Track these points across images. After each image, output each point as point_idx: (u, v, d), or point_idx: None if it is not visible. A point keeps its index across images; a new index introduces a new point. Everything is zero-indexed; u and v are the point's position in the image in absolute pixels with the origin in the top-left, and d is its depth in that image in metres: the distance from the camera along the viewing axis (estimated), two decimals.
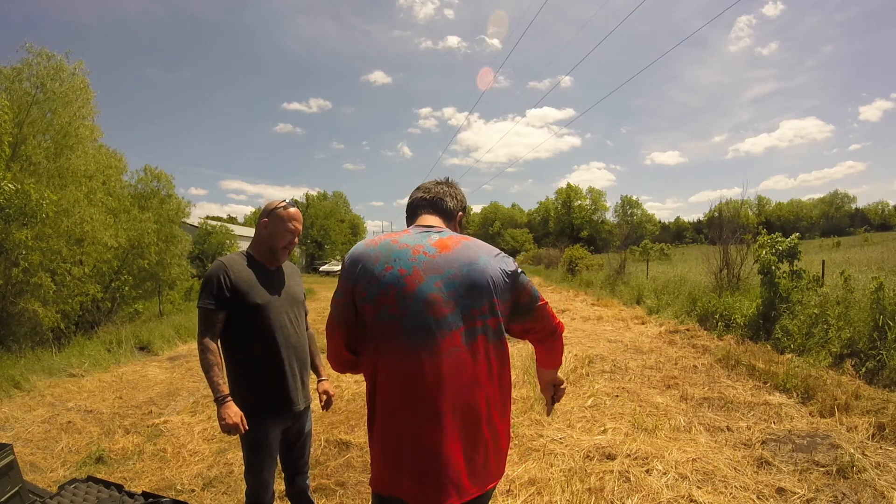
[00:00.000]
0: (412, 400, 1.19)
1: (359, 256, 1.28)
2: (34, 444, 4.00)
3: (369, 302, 1.23)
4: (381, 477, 1.25)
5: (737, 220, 9.82)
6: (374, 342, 1.24)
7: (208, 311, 1.87)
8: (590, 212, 68.34)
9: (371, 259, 1.26)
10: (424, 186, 1.48)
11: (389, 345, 1.21)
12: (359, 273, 1.26)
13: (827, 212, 77.36)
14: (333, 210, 53.41)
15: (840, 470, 2.95)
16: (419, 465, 1.18)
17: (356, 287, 1.26)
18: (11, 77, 7.97)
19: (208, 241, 21.33)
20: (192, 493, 3.07)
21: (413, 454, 1.19)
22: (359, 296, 1.25)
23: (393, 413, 1.22)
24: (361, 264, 1.26)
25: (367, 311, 1.23)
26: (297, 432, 2.10)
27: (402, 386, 1.20)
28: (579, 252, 20.07)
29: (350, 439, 3.78)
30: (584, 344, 6.98)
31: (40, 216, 6.68)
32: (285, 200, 2.05)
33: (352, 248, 1.35)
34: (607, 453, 3.31)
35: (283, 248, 2.01)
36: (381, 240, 1.32)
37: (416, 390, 1.18)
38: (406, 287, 1.21)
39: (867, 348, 4.92)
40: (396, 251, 1.26)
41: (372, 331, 1.24)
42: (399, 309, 1.20)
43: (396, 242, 1.29)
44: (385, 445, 1.24)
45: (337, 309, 1.31)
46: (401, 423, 1.20)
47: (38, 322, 7.59)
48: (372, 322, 1.23)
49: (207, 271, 1.93)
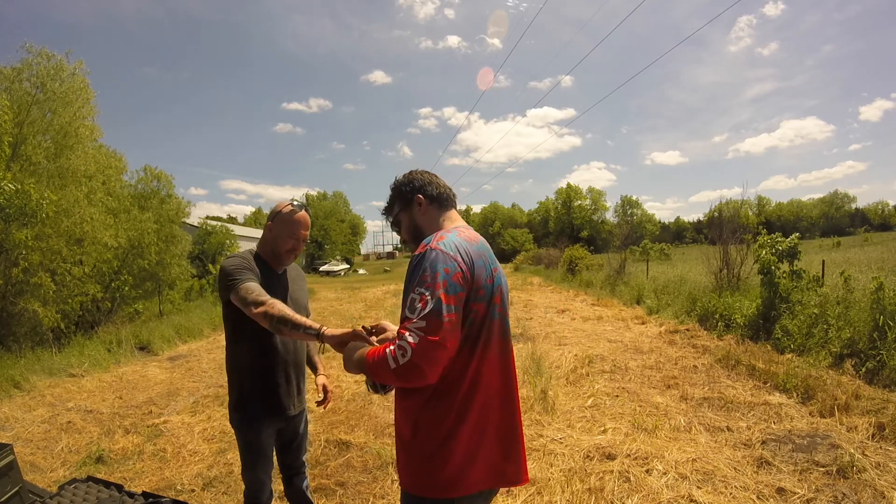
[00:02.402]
0: (508, 392, 1.32)
1: (475, 253, 1.26)
2: (34, 444, 4.00)
3: (484, 301, 1.25)
4: (467, 476, 1.23)
5: (737, 220, 9.82)
6: (479, 340, 1.24)
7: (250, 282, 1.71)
8: (590, 212, 68.28)
9: (481, 257, 1.27)
10: (441, 182, 1.49)
11: (493, 342, 1.27)
12: (477, 270, 1.24)
13: (827, 212, 77.31)
14: (333, 210, 53.47)
15: (840, 470, 2.95)
16: (512, 451, 1.31)
17: (475, 283, 1.23)
18: (11, 77, 7.97)
19: (208, 241, 21.30)
20: (192, 493, 3.07)
21: (508, 440, 1.31)
22: (475, 293, 1.22)
23: (490, 407, 1.27)
24: (476, 261, 1.25)
25: (479, 309, 1.24)
26: (291, 433, 2.09)
27: (501, 380, 1.30)
28: (579, 252, 20.05)
29: (350, 439, 3.78)
30: (584, 344, 6.97)
31: (40, 216, 6.68)
32: (293, 203, 1.96)
33: (446, 240, 1.24)
34: (607, 453, 3.31)
35: (286, 253, 1.96)
36: (475, 236, 1.34)
37: (509, 383, 1.33)
38: (505, 288, 1.36)
39: (867, 348, 4.92)
40: (490, 251, 1.35)
41: (478, 329, 1.24)
42: (503, 308, 1.32)
43: (483, 241, 1.36)
44: (479, 440, 1.25)
45: (457, 307, 1.17)
46: (497, 416, 1.28)
47: (38, 322, 7.59)
48: (481, 321, 1.24)
49: (228, 262, 1.82)
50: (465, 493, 1.24)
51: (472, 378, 1.23)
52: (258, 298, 1.65)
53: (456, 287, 1.17)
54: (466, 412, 1.23)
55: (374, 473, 3.21)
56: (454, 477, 1.22)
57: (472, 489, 1.24)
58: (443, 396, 1.22)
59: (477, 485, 1.24)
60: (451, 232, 1.31)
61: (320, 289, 20.31)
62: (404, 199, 1.47)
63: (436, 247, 1.22)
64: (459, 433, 1.22)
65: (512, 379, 1.34)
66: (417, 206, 1.44)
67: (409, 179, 1.47)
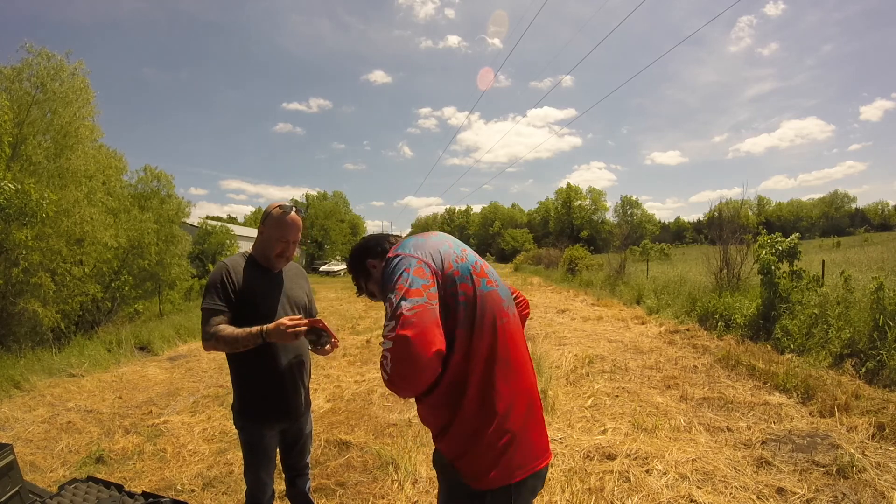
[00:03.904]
0: (524, 358, 1.31)
1: (431, 245, 1.27)
2: (34, 444, 4.00)
3: (465, 280, 1.23)
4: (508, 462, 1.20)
5: (737, 220, 9.83)
6: (485, 317, 1.22)
7: (211, 312, 1.80)
8: (590, 212, 68.33)
9: (440, 245, 1.28)
10: (379, 235, 1.55)
11: (498, 314, 1.26)
12: (442, 255, 1.25)
13: (827, 212, 77.33)
14: (333, 210, 53.38)
15: (840, 470, 2.95)
16: (537, 426, 1.29)
17: (444, 271, 1.22)
18: (11, 77, 7.99)
19: (208, 241, 21.33)
20: (192, 493, 3.07)
21: (532, 416, 1.28)
22: (449, 279, 1.21)
23: (512, 379, 1.24)
24: (436, 249, 1.26)
25: (467, 289, 1.22)
26: (296, 434, 2.08)
27: (516, 349, 1.28)
28: (579, 252, 20.06)
29: (350, 439, 3.78)
30: (584, 344, 6.97)
31: (40, 216, 6.69)
32: (282, 204, 1.91)
33: (399, 246, 1.29)
34: (607, 453, 3.31)
35: (276, 256, 1.93)
36: (429, 234, 1.36)
37: (523, 350, 1.32)
38: (486, 265, 1.34)
39: (867, 348, 4.92)
40: (452, 238, 1.36)
41: (477, 306, 1.22)
42: (492, 280, 1.31)
43: (440, 233, 1.39)
44: (510, 422, 1.21)
45: (430, 301, 1.14)
46: (520, 387, 1.26)
47: (38, 322, 7.59)
48: (476, 296, 1.23)
49: (211, 274, 1.88)
50: (514, 478, 1.20)
51: (484, 362, 1.21)
52: (207, 330, 1.77)
53: (418, 280, 1.15)
54: (492, 398, 1.20)
55: (374, 473, 3.21)
56: (502, 459, 1.19)
57: (521, 474, 1.21)
58: (456, 387, 1.20)
59: (522, 470, 1.21)
60: (404, 239, 1.36)
61: (320, 289, 20.31)
62: (362, 272, 1.51)
63: (392, 254, 1.26)
64: (486, 416, 1.20)
65: (524, 345, 1.34)
66: (374, 270, 1.48)
67: (354, 255, 1.53)
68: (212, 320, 1.78)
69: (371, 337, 8.28)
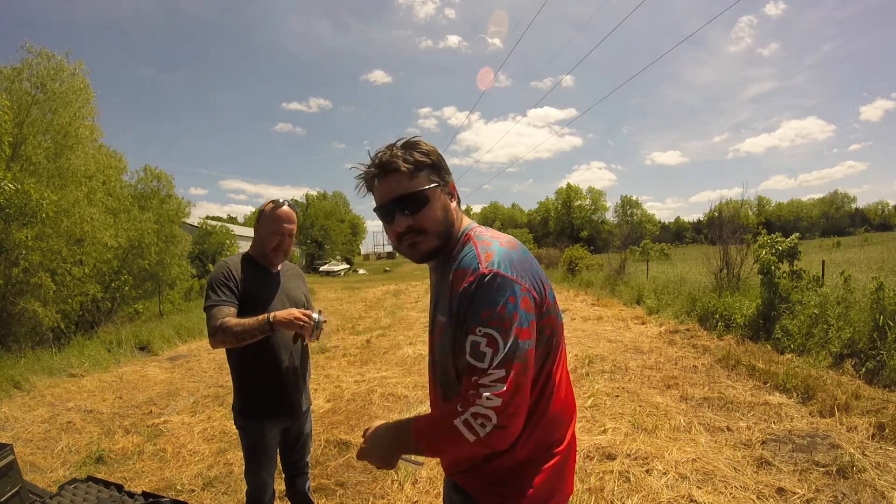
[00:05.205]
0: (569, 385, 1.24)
1: (528, 266, 1.04)
2: (34, 444, 4.00)
3: (554, 313, 1.09)
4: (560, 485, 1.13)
5: (737, 220, 9.81)
6: (559, 349, 1.12)
7: (217, 306, 1.79)
8: (590, 212, 68.39)
9: (533, 262, 1.07)
10: None
11: (561, 337, 1.14)
12: (543, 284, 1.06)
13: (827, 212, 77.40)
14: (333, 210, 53.41)
15: (840, 470, 2.95)
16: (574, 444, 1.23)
17: (545, 303, 1.05)
18: (11, 77, 7.99)
19: (208, 241, 21.34)
20: (192, 493, 3.07)
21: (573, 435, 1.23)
22: (545, 313, 1.04)
23: (565, 407, 1.17)
24: (536, 274, 1.06)
25: (554, 322, 1.08)
26: (296, 433, 2.09)
27: (568, 376, 1.21)
28: (579, 252, 20.05)
29: (350, 439, 3.78)
30: (584, 344, 6.97)
31: (40, 216, 6.69)
32: (274, 201, 1.97)
33: (495, 258, 0.99)
34: (607, 453, 3.31)
35: (273, 250, 1.96)
36: (513, 241, 1.09)
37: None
38: None
39: (867, 348, 4.92)
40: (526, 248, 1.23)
41: (553, 334, 1.08)
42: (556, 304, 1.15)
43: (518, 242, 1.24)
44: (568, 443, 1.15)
45: (532, 339, 0.98)
46: (570, 407, 1.21)
47: (38, 322, 7.59)
48: (555, 323, 1.09)
49: (212, 272, 1.90)
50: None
51: (551, 388, 1.10)
52: (213, 324, 1.75)
53: (527, 317, 0.96)
54: (558, 425, 1.13)
55: (374, 473, 3.21)
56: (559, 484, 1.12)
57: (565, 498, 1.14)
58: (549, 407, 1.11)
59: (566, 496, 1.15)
60: (491, 242, 1.03)
61: (320, 289, 20.31)
62: (440, 176, 1.11)
63: (489, 271, 0.96)
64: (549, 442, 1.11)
65: None
66: (450, 196, 1.13)
67: (439, 156, 1.12)
68: (217, 314, 1.78)
69: (371, 337, 8.28)
